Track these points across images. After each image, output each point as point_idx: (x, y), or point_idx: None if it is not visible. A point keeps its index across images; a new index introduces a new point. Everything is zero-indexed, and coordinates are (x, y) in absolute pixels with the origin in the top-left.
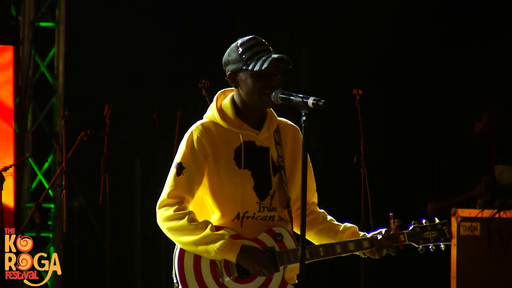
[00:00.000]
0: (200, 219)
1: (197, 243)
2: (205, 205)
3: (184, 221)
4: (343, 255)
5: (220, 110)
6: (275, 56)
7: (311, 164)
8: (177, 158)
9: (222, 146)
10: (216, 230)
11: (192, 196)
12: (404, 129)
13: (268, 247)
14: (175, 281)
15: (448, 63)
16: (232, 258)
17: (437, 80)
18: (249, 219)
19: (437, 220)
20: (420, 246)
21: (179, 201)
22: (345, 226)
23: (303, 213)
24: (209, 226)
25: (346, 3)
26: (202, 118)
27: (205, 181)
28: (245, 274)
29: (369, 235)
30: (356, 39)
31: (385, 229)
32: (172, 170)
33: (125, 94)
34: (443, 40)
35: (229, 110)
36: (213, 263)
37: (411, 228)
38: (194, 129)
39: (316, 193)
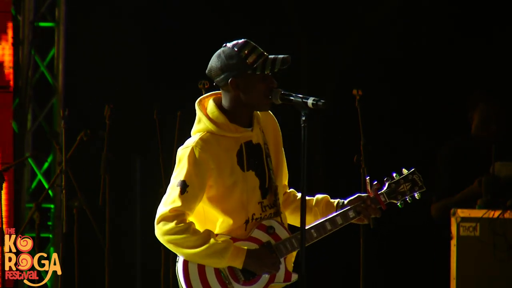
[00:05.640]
0: (203, 230)
1: (202, 254)
2: (208, 216)
3: (187, 234)
4: (334, 230)
5: (212, 120)
6: (280, 56)
7: (283, 149)
8: (180, 176)
9: (225, 154)
10: (217, 237)
11: (192, 212)
12: (404, 129)
13: (264, 242)
14: None
15: (448, 62)
16: (238, 265)
17: (437, 80)
18: (254, 221)
19: (405, 171)
20: (399, 202)
21: (179, 214)
22: (317, 199)
23: (302, 208)
24: (212, 236)
25: (346, 3)
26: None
27: (210, 194)
28: (251, 276)
29: (346, 201)
30: (356, 39)
31: (364, 194)
32: (176, 188)
33: (125, 94)
34: (443, 39)
35: (220, 118)
36: (217, 270)
37: (386, 186)
38: (194, 145)
39: (287, 174)
